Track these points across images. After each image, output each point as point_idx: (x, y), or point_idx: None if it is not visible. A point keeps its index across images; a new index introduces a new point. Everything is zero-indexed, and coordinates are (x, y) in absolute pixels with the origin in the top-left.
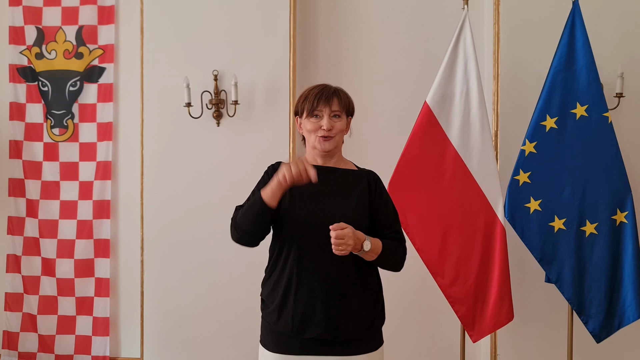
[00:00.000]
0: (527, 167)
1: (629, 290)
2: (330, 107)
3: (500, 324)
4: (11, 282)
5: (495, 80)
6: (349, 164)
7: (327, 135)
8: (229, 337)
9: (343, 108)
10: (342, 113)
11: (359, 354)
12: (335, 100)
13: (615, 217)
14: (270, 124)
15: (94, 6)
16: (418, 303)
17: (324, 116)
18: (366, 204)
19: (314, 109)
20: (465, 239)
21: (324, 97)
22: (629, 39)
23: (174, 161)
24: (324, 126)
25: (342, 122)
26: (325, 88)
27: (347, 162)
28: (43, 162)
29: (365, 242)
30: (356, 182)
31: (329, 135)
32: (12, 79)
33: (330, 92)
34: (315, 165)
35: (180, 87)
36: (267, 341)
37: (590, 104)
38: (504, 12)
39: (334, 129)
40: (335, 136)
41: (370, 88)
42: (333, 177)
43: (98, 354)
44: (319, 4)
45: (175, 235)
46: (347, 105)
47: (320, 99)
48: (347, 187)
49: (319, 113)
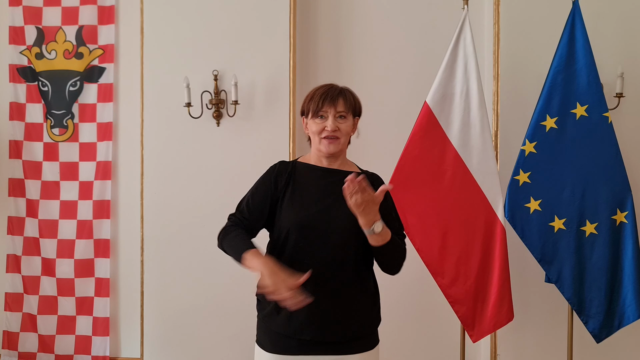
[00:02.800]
0: (527, 167)
1: (629, 290)
2: (335, 108)
3: (500, 324)
4: (11, 282)
5: (495, 80)
6: (352, 166)
7: (332, 136)
8: (229, 337)
9: (349, 108)
10: (348, 114)
11: (355, 354)
12: (341, 101)
13: (615, 217)
14: (270, 124)
15: (94, 6)
16: (418, 303)
17: (328, 117)
18: None
19: (319, 110)
20: (465, 239)
21: (329, 97)
22: (629, 39)
23: (174, 161)
24: (328, 127)
25: (347, 123)
26: (331, 88)
27: (350, 164)
28: (43, 162)
29: (377, 222)
30: None
31: (334, 136)
32: (12, 79)
33: (336, 92)
34: (320, 167)
35: (180, 87)
36: (264, 341)
37: (590, 104)
38: (504, 12)
39: (339, 130)
40: (340, 138)
41: (370, 88)
42: (336, 180)
43: (98, 354)
44: (319, 4)
45: (175, 235)
46: (353, 106)
47: (326, 100)
48: None
49: (324, 114)
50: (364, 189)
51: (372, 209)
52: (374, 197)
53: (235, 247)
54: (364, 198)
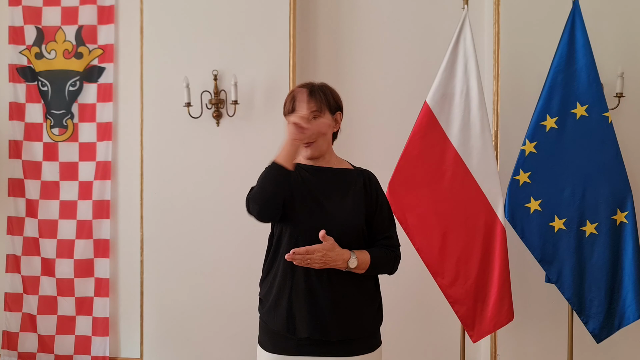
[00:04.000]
0: (527, 167)
1: (629, 290)
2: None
3: (500, 324)
4: (11, 282)
5: (495, 80)
6: (343, 163)
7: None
8: (229, 337)
9: (322, 107)
10: (323, 112)
11: (356, 355)
12: (312, 101)
13: (615, 217)
14: (270, 123)
15: (93, 6)
16: (418, 303)
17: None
18: (362, 204)
19: (293, 110)
20: (465, 239)
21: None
22: (629, 39)
23: (174, 161)
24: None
25: (321, 121)
26: (301, 90)
27: (341, 161)
28: (43, 162)
29: (350, 260)
30: (352, 182)
31: (308, 141)
32: (12, 78)
33: (307, 92)
34: (307, 165)
35: (180, 87)
36: (264, 341)
37: (590, 104)
38: (504, 12)
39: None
40: (315, 141)
41: (370, 88)
42: (325, 177)
43: (98, 354)
44: (319, 4)
45: (174, 235)
46: (327, 102)
47: (295, 101)
48: (343, 188)
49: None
50: (307, 252)
51: (334, 254)
52: (324, 247)
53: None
54: (317, 256)
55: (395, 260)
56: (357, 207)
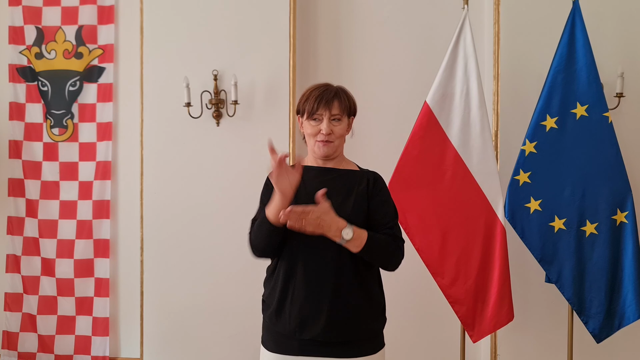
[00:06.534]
0: (527, 167)
1: (629, 291)
2: (330, 111)
3: (500, 324)
4: (11, 282)
5: (495, 80)
6: (350, 165)
7: (326, 140)
8: (229, 337)
9: (344, 111)
10: (343, 116)
11: (359, 356)
12: (336, 103)
13: (615, 217)
14: (270, 124)
15: (93, 6)
16: (418, 303)
17: (323, 120)
18: (364, 205)
19: (314, 112)
20: (465, 239)
21: (324, 100)
22: (629, 39)
23: (174, 161)
24: (323, 131)
25: (342, 125)
26: (327, 90)
27: (348, 163)
28: (43, 162)
29: (345, 230)
30: (356, 184)
31: (328, 140)
32: (12, 78)
33: (331, 94)
34: (315, 167)
35: (180, 87)
36: (267, 341)
37: (590, 104)
38: (504, 12)
39: (333, 133)
40: (334, 141)
41: (370, 88)
42: (331, 178)
43: (98, 354)
44: (319, 4)
45: (174, 235)
46: (347, 107)
47: (321, 102)
48: (347, 189)
49: (319, 117)
50: (302, 212)
51: (329, 218)
52: (319, 208)
53: (259, 226)
54: (312, 217)
55: (396, 251)
56: (359, 209)
